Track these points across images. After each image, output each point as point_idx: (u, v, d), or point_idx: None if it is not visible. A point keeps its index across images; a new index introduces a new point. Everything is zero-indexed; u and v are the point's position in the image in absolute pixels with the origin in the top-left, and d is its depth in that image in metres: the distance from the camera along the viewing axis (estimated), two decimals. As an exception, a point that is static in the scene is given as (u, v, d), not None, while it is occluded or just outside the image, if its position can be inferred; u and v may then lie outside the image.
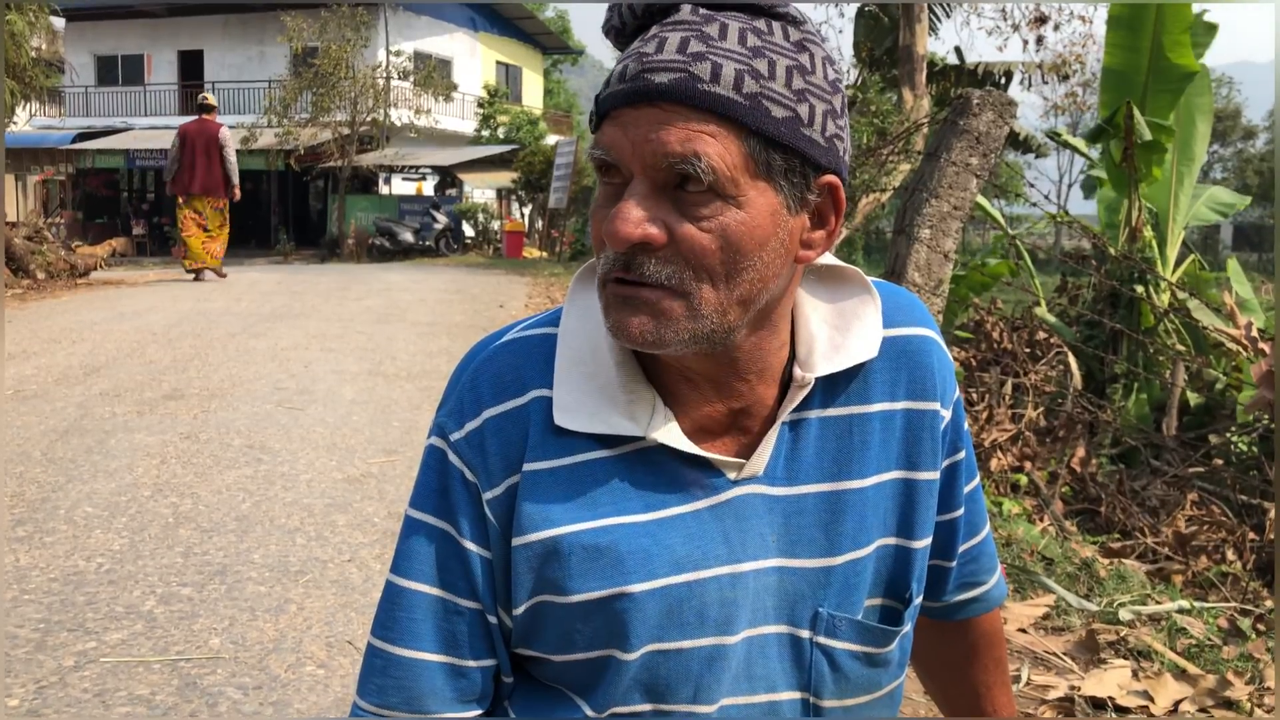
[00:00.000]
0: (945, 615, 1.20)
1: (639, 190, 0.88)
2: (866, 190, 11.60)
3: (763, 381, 0.98)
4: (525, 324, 1.05)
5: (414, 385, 6.45)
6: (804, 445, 1.00)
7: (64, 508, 3.99)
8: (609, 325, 0.92)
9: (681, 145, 0.86)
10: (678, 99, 0.86)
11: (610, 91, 0.90)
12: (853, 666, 1.02)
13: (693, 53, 0.87)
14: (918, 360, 1.04)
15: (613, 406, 0.96)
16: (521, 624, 1.00)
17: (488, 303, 11.20)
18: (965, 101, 5.09)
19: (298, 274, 15.97)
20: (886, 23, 16.42)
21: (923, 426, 1.04)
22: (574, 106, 45.85)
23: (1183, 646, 2.86)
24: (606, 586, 0.95)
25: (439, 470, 1.00)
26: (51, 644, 2.81)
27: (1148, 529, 4.41)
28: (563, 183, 22.06)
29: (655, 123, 0.87)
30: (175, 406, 5.75)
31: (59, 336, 8.19)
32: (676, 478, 0.97)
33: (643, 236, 0.87)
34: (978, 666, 1.24)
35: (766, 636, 1.00)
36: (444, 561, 0.99)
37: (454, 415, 1.00)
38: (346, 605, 3.09)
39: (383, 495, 4.22)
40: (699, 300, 0.89)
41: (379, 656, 1.01)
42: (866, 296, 1.03)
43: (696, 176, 0.86)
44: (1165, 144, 6.40)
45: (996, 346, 6.05)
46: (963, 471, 1.11)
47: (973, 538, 1.16)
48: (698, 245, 0.88)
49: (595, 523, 0.95)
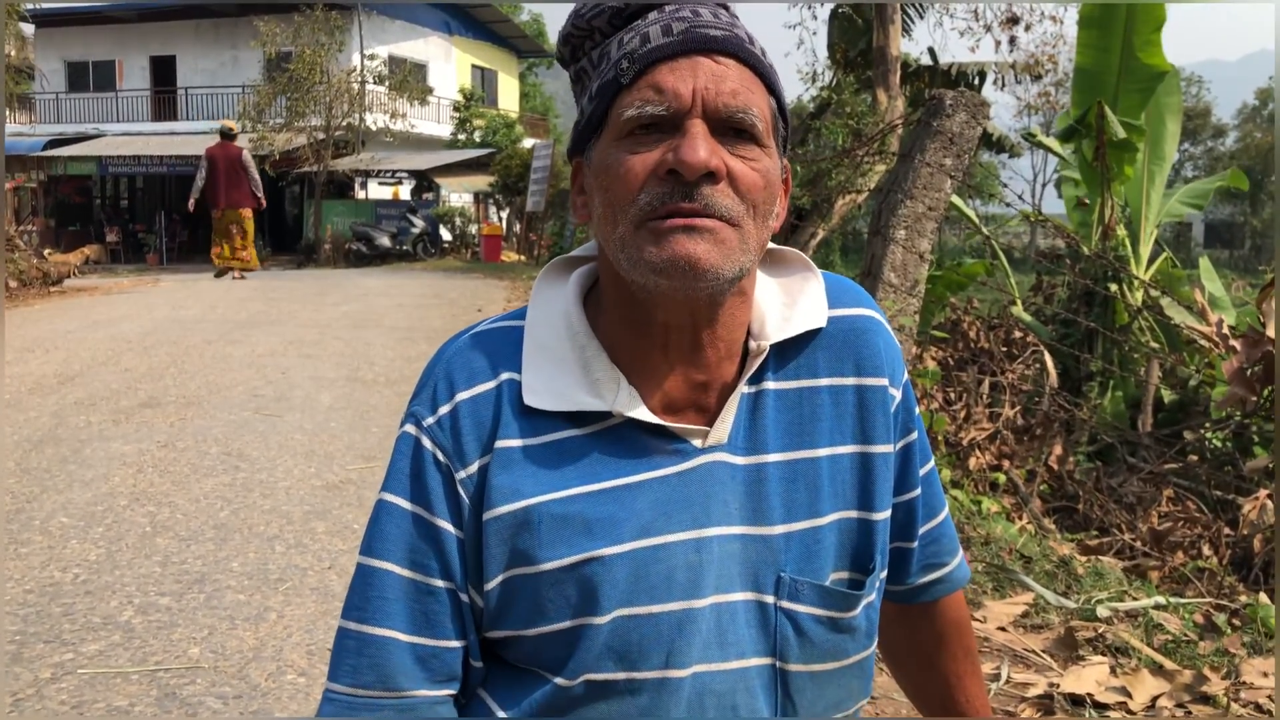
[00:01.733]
0: (911, 598, 1.23)
1: (700, 128, 0.94)
2: (842, 191, 11.64)
3: (729, 351, 1.03)
4: (492, 319, 1.10)
5: (392, 391, 6.42)
6: (763, 415, 1.04)
7: (39, 518, 3.95)
8: (661, 259, 0.94)
9: (737, 96, 0.95)
10: (731, 52, 0.96)
11: (656, 45, 0.96)
12: (817, 631, 1.04)
13: (727, 21, 0.99)
14: (864, 339, 1.09)
15: (579, 386, 1.01)
16: (493, 601, 1.01)
17: (466, 307, 11.17)
18: (938, 103, 5.13)
19: (274, 280, 15.87)
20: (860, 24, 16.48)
21: (874, 402, 1.08)
22: (550, 109, 45.78)
23: (1160, 642, 2.88)
24: (576, 552, 0.98)
25: (412, 455, 1.03)
26: (28, 656, 2.78)
27: (1125, 526, 4.44)
28: (540, 186, 22.02)
29: (713, 73, 0.95)
30: (151, 415, 5.70)
31: (32, 345, 8.11)
32: (644, 449, 1.01)
33: (717, 165, 0.94)
34: (946, 655, 1.26)
35: (735, 604, 1.02)
36: (416, 543, 1.01)
37: (426, 403, 1.04)
38: (327, 613, 3.07)
39: (362, 502, 4.20)
40: (747, 233, 0.97)
41: (351, 637, 1.02)
42: (809, 274, 1.10)
43: (750, 125, 0.96)
44: (1137, 143, 6.46)
45: (973, 345, 6.09)
46: (916, 453, 1.15)
47: (931, 519, 1.19)
48: (751, 181, 0.96)
49: (564, 492, 0.99)
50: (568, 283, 1.08)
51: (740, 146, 0.96)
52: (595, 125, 1.00)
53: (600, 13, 1.00)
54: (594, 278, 1.08)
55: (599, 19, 1.01)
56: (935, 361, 5.58)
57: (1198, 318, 5.76)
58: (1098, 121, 6.20)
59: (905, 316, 4.89)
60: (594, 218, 1.02)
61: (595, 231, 1.02)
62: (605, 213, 0.99)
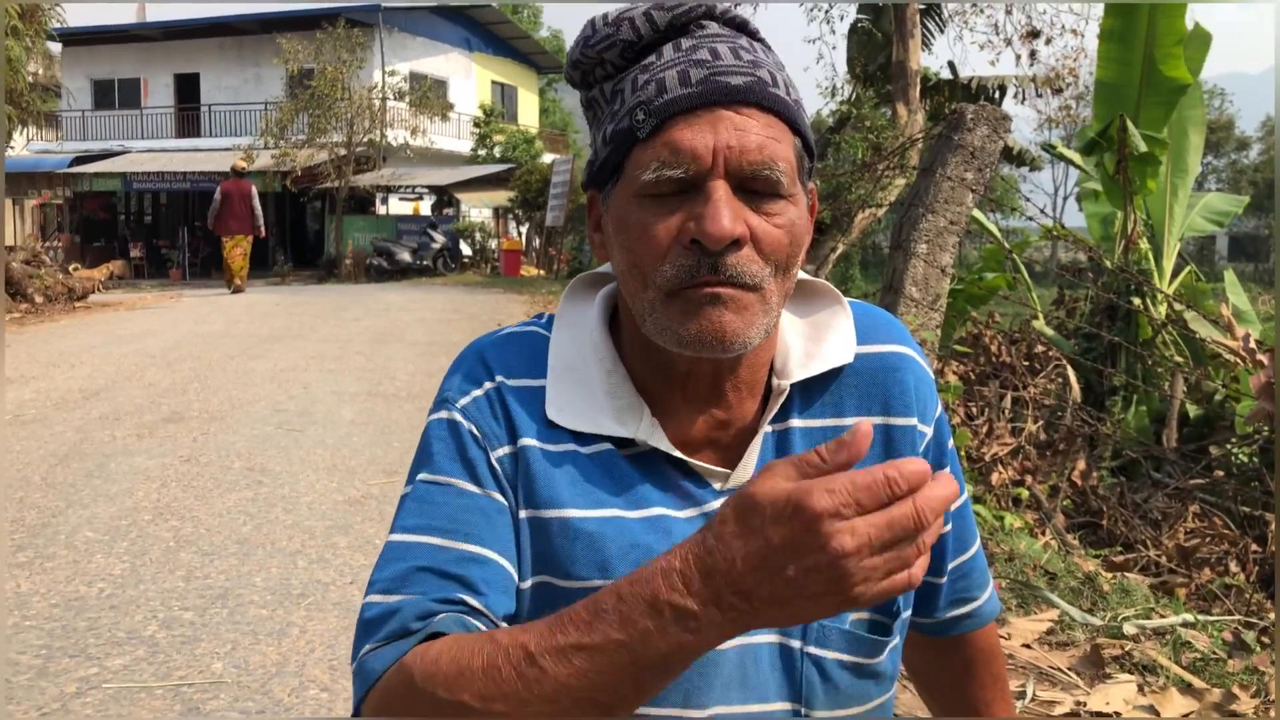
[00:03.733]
0: (939, 631, 1.20)
1: (722, 191, 0.90)
2: (862, 205, 11.61)
3: (751, 391, 1.01)
4: (520, 323, 1.08)
5: (413, 405, 6.44)
6: (791, 454, 0.99)
7: (64, 533, 3.98)
8: (689, 335, 0.92)
9: (762, 151, 0.90)
10: (753, 101, 0.91)
11: (674, 96, 0.91)
12: (842, 676, 1.02)
13: (749, 60, 0.92)
14: (893, 377, 1.05)
15: (602, 411, 0.99)
16: (526, 601, 0.99)
17: (486, 322, 11.20)
18: (959, 116, 5.12)
19: (296, 295, 15.97)
20: (880, 38, 16.49)
21: (902, 442, 1.05)
22: (569, 125, 45.94)
23: (1188, 660, 2.85)
24: (600, 577, 0.95)
25: (448, 435, 1.00)
26: (53, 670, 2.80)
27: (1150, 542, 4.40)
28: (559, 200, 22.09)
29: (734, 127, 0.90)
30: (175, 429, 5.74)
31: (57, 360, 8.18)
32: (666, 482, 0.99)
33: (741, 232, 0.90)
34: (975, 683, 1.24)
35: (759, 646, 1.00)
36: (459, 514, 0.96)
37: (457, 389, 1.02)
38: (349, 628, 3.08)
39: (384, 516, 4.21)
40: (768, 293, 0.93)
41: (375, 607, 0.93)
42: (838, 308, 1.06)
43: (775, 182, 0.91)
44: (1159, 156, 6.42)
45: (995, 360, 6.05)
46: None
47: (962, 554, 1.16)
48: (774, 241, 0.92)
49: (598, 511, 0.97)
50: (594, 303, 1.06)
51: (764, 203, 0.92)
52: (611, 170, 0.96)
53: (611, 45, 0.95)
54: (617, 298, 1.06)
55: (610, 52, 0.96)
56: (957, 376, 5.56)
57: (1223, 331, 5.71)
58: (1119, 135, 6.17)
59: (927, 331, 4.88)
60: (615, 266, 0.99)
61: (618, 279, 1.00)
62: (630, 272, 0.95)
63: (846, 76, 17.81)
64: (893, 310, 4.67)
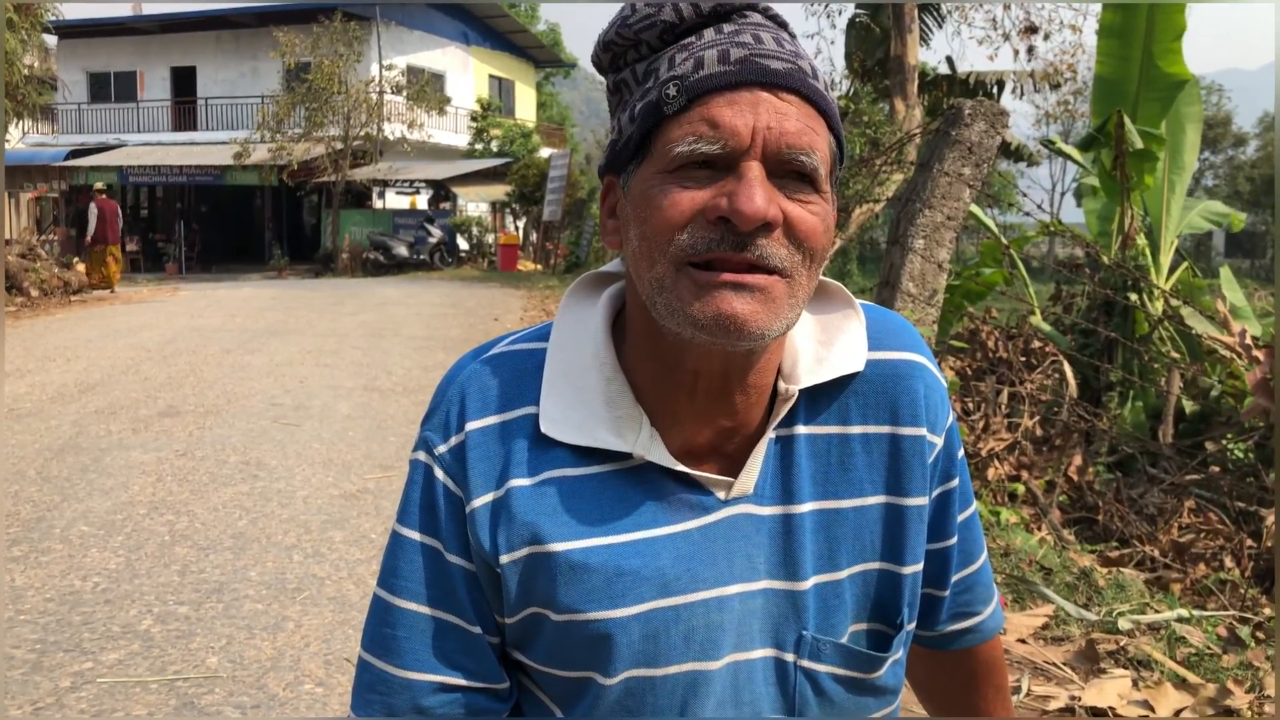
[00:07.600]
0: (940, 645, 1.18)
1: (758, 171, 0.86)
2: (860, 201, 11.62)
3: (758, 396, 0.97)
4: (513, 338, 1.04)
5: (409, 400, 6.44)
6: (795, 462, 0.98)
7: (59, 526, 3.97)
8: (704, 316, 0.86)
9: (800, 137, 0.86)
10: (793, 88, 0.87)
11: (711, 72, 0.87)
12: (837, 691, 1.00)
13: (791, 50, 0.89)
14: (903, 385, 1.01)
15: (601, 422, 0.95)
16: (515, 631, 0.99)
17: (483, 316, 11.20)
18: (957, 112, 5.11)
19: (292, 289, 15.95)
20: (878, 33, 16.48)
21: (911, 452, 1.01)
22: (567, 119, 45.87)
23: (1182, 655, 2.85)
24: (593, 609, 0.94)
25: (424, 485, 0.99)
26: (48, 665, 2.79)
27: (1145, 537, 4.41)
28: (557, 195, 22.08)
29: (774, 110, 0.86)
30: (171, 423, 5.73)
31: (53, 354, 8.17)
32: (666, 497, 0.96)
33: (775, 215, 0.85)
34: (976, 695, 1.22)
35: (754, 661, 0.98)
36: (433, 578, 0.98)
37: (438, 430, 0.99)
38: (344, 622, 3.08)
39: (379, 511, 4.20)
40: (798, 284, 0.89)
41: (369, 672, 1.00)
42: (850, 311, 1.02)
43: (813, 170, 0.87)
44: (1156, 152, 6.42)
45: (992, 355, 6.05)
46: (956, 500, 1.08)
47: (967, 567, 1.12)
48: (809, 227, 0.88)
49: (584, 541, 0.94)
50: (596, 305, 1.01)
51: (799, 191, 0.87)
52: (635, 149, 0.91)
53: (650, 25, 0.91)
54: (623, 299, 1.01)
55: (649, 32, 0.91)
56: (954, 371, 5.56)
57: (1219, 328, 5.71)
58: (1117, 131, 6.17)
59: (924, 326, 4.87)
60: (627, 250, 0.94)
61: (628, 265, 0.95)
62: (641, 247, 0.90)
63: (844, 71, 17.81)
64: (889, 306, 4.68)
